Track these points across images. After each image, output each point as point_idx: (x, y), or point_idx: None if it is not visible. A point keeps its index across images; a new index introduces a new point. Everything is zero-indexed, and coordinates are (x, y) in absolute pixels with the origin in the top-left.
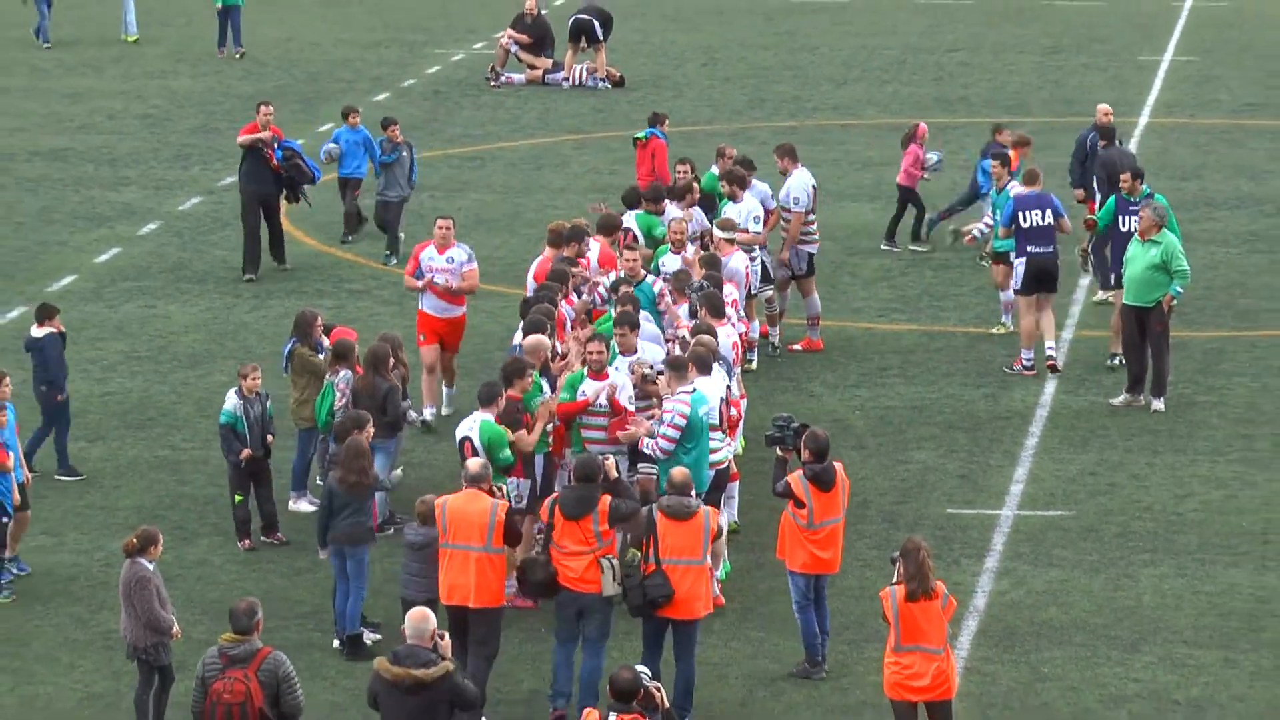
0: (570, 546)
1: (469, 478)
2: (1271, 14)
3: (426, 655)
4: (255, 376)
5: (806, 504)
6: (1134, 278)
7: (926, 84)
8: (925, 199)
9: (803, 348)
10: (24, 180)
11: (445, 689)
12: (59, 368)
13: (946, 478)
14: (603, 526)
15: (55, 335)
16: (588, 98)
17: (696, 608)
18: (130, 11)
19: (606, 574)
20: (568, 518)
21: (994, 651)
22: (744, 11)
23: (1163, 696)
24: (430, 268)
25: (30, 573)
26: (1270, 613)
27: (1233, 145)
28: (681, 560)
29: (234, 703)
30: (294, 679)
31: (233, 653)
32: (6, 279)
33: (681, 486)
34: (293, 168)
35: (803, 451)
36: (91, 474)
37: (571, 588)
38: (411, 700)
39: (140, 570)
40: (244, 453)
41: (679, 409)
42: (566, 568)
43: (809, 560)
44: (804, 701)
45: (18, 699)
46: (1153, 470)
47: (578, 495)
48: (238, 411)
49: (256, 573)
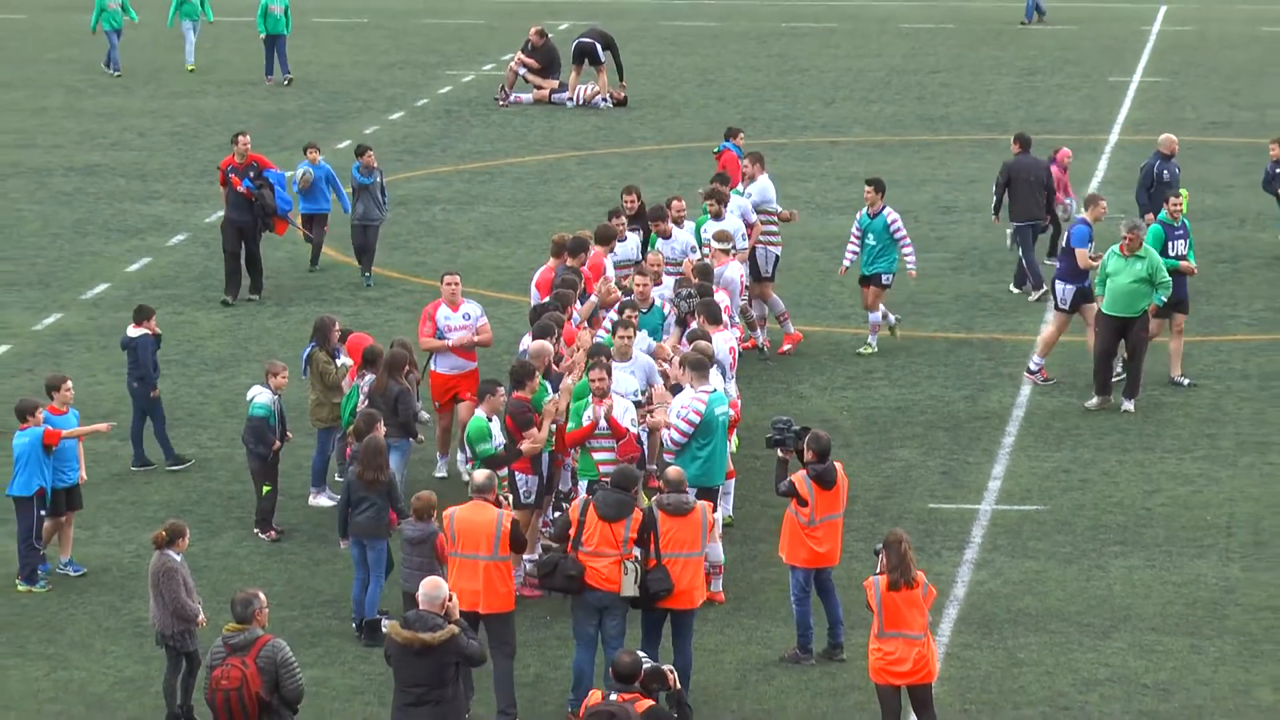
0: (599, 548)
1: (475, 489)
2: (1235, 37)
3: (434, 620)
4: (283, 375)
5: (809, 502)
6: (1119, 290)
7: (910, 103)
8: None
9: (791, 346)
10: (60, 194)
11: (451, 650)
12: (150, 366)
13: (928, 474)
14: (632, 534)
15: (149, 336)
16: (590, 116)
17: (695, 597)
18: (190, 41)
19: (629, 575)
20: (604, 519)
21: (973, 638)
22: (738, 35)
23: (1132, 680)
24: (448, 327)
25: (85, 572)
26: (1234, 601)
27: (1198, 161)
28: (681, 553)
29: (230, 689)
30: (293, 664)
31: (233, 641)
32: (43, 287)
33: (678, 483)
34: (260, 197)
35: (806, 452)
36: (123, 471)
37: (597, 586)
38: (420, 661)
39: (168, 561)
40: (275, 445)
41: (695, 405)
42: (593, 568)
43: (808, 555)
44: (794, 685)
45: (53, 683)
46: (1123, 467)
47: (618, 500)
48: (272, 405)
49: (278, 564)
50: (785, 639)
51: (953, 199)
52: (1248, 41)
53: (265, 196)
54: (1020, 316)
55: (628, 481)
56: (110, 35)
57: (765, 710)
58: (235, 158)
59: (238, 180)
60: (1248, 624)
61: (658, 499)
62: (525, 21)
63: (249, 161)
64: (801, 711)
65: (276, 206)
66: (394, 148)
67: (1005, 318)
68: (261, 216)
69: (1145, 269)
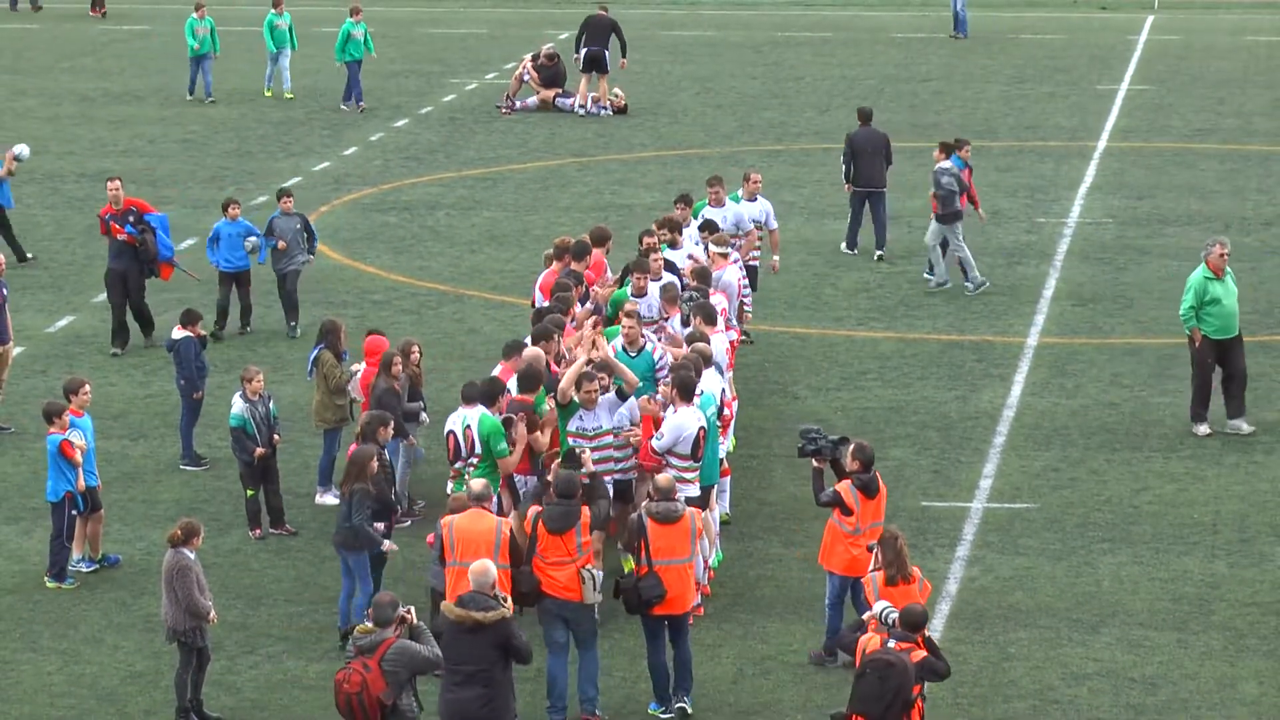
0: (554, 558)
1: (473, 496)
2: (1220, 47)
3: (487, 601)
4: (259, 380)
5: (855, 510)
6: (1226, 313)
7: (903, 111)
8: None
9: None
10: (72, 199)
11: (501, 632)
12: (194, 368)
13: (921, 473)
14: (584, 538)
15: (191, 339)
16: (591, 123)
17: (686, 602)
18: (285, 69)
19: (588, 584)
20: (551, 532)
21: (965, 633)
22: (734, 45)
23: (1120, 674)
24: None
25: (119, 562)
26: (1219, 597)
27: (1184, 167)
28: (672, 560)
29: (352, 692)
30: (420, 658)
31: (361, 643)
32: (56, 290)
33: (667, 491)
34: (143, 242)
35: (850, 462)
36: (133, 470)
37: (557, 595)
38: (472, 640)
39: (183, 559)
40: (257, 451)
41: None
42: (551, 578)
43: (850, 563)
44: (790, 679)
45: (66, 677)
46: (1111, 466)
47: (562, 511)
48: (245, 414)
49: (286, 561)
50: (780, 634)
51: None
52: (1232, 51)
53: (148, 242)
54: (1010, 319)
55: (570, 489)
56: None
57: (762, 703)
58: (111, 205)
59: (119, 228)
60: (1233, 619)
61: (647, 506)
62: (527, 31)
63: (127, 207)
64: (798, 704)
65: (159, 252)
66: (399, 154)
67: (995, 320)
68: (146, 262)
69: (1234, 283)
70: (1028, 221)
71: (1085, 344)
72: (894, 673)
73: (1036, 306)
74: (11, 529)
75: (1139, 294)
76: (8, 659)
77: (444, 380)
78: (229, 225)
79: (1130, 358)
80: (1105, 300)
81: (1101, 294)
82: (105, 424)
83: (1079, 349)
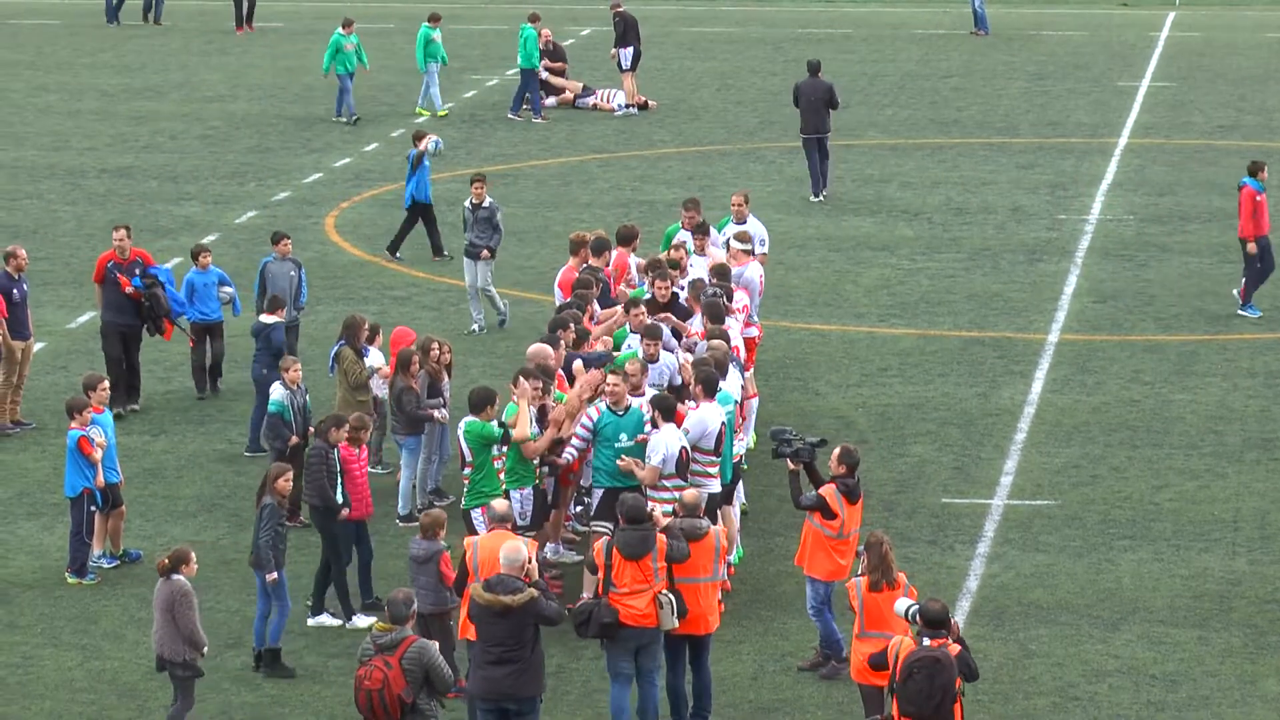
0: (631, 585)
1: (494, 517)
2: (1241, 43)
3: (514, 584)
4: (295, 369)
5: (839, 515)
6: None
7: (923, 108)
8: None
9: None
10: (94, 195)
11: (530, 612)
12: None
13: (942, 470)
14: (660, 564)
15: (280, 324)
16: (611, 120)
17: (710, 622)
18: (435, 87)
19: (665, 609)
20: (627, 558)
21: (985, 630)
22: (755, 41)
23: (1140, 671)
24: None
25: (141, 557)
26: (1240, 594)
27: (1205, 164)
28: (696, 579)
29: (373, 689)
30: (439, 663)
31: (381, 641)
32: (77, 286)
33: (693, 507)
34: (151, 297)
35: (836, 465)
36: (154, 466)
37: (634, 624)
38: (502, 622)
39: (182, 586)
40: (292, 439)
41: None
42: (629, 606)
43: (834, 569)
44: (811, 675)
45: (87, 672)
46: (1131, 463)
47: (640, 536)
48: (285, 401)
49: (305, 555)
50: (801, 630)
51: (964, 200)
52: (1254, 47)
53: (158, 297)
54: (1031, 315)
55: (640, 514)
56: (343, 79)
57: (782, 700)
58: (117, 254)
59: (126, 280)
60: (1254, 616)
61: (671, 523)
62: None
63: (132, 258)
64: (818, 700)
65: (170, 308)
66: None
67: (1016, 316)
68: (152, 319)
69: None
70: (1049, 218)
71: (1106, 340)
72: (941, 669)
73: (1058, 303)
74: (33, 524)
75: (1160, 291)
76: (29, 654)
77: (464, 377)
78: (200, 275)
79: (1151, 354)
80: (1126, 297)
81: (1122, 291)
82: (126, 419)
83: (1100, 345)
